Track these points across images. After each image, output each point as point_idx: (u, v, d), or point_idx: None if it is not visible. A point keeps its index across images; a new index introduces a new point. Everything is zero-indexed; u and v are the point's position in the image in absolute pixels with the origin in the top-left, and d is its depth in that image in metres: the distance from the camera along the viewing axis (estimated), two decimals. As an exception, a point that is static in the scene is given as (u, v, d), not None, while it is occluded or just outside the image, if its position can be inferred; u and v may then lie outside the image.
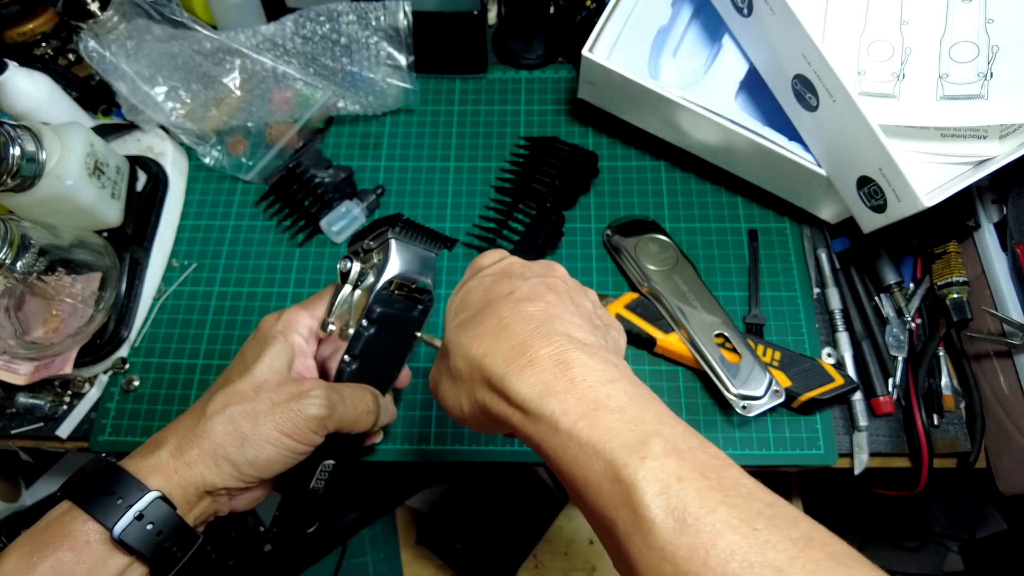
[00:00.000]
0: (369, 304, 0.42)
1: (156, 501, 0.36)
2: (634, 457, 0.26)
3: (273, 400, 0.39)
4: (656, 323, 0.57)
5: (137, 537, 0.35)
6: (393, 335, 0.44)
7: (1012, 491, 0.53)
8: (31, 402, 0.58)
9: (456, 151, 0.70)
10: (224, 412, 0.39)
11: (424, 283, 0.44)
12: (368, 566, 0.78)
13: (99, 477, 0.36)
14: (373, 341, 0.43)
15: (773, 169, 0.60)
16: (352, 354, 0.43)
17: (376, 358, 0.44)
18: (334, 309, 0.43)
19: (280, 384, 0.41)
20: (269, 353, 0.42)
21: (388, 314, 0.43)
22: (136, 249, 0.62)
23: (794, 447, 0.55)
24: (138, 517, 0.35)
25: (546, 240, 0.62)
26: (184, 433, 0.39)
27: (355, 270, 0.43)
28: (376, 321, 0.43)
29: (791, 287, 0.61)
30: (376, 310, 0.42)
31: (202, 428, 0.38)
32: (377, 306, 0.42)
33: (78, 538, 0.35)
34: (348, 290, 0.43)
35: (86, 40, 0.62)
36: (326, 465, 0.45)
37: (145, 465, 0.37)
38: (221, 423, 0.38)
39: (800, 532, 0.25)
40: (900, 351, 0.57)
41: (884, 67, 0.56)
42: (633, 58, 0.60)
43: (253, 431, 0.38)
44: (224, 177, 0.69)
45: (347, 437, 0.44)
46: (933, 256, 0.59)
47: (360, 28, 0.65)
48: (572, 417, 0.28)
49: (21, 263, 0.51)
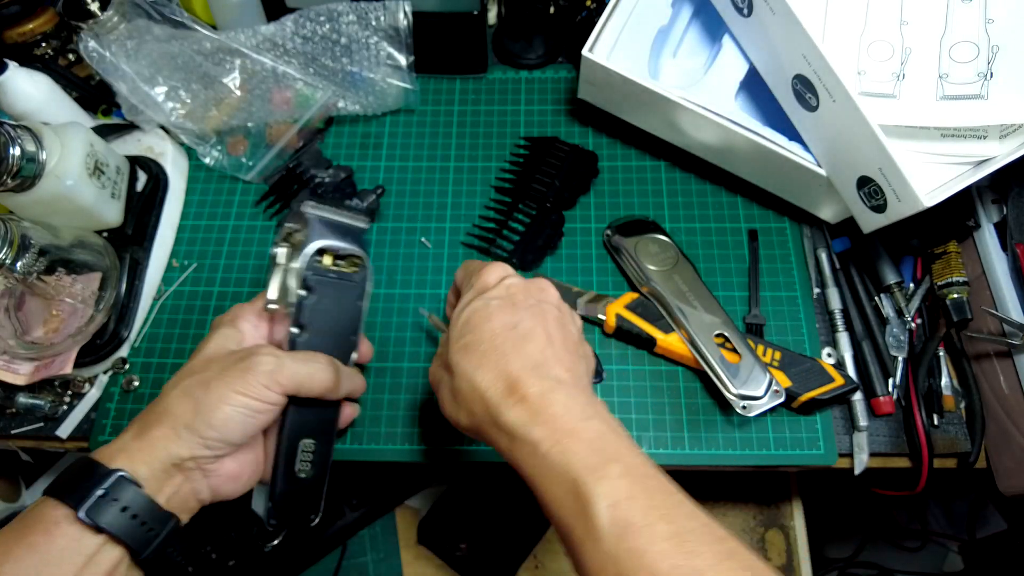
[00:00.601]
0: (301, 273, 0.44)
1: (119, 479, 0.37)
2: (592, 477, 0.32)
3: (222, 366, 0.41)
4: (656, 323, 0.57)
5: (106, 516, 0.36)
6: (337, 303, 0.46)
7: (1012, 491, 0.53)
8: (31, 402, 0.58)
9: (456, 151, 0.70)
10: (178, 387, 0.41)
11: (352, 250, 0.46)
12: (368, 566, 0.78)
13: (72, 470, 0.38)
14: (315, 309, 0.45)
15: (773, 169, 0.60)
16: (298, 324, 0.45)
17: (323, 326, 0.46)
18: (274, 290, 0.46)
19: (228, 354, 0.43)
20: (216, 337, 0.45)
21: (325, 281, 0.45)
22: (136, 249, 0.62)
23: (794, 447, 0.55)
24: (103, 495, 0.36)
25: (546, 240, 0.62)
26: (144, 416, 0.41)
27: (281, 252, 0.46)
28: (313, 289, 0.45)
29: (791, 287, 0.61)
30: (310, 276, 0.45)
31: (159, 407, 0.41)
32: (310, 273, 0.44)
33: (47, 521, 0.36)
34: (281, 272, 0.46)
35: (86, 40, 0.62)
36: (306, 445, 0.46)
37: (109, 450, 0.39)
38: (175, 396, 0.41)
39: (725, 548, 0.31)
40: (900, 351, 0.57)
41: (884, 67, 0.56)
42: (633, 58, 0.60)
43: (205, 395, 0.40)
44: (224, 177, 0.69)
45: (318, 411, 0.46)
46: (933, 256, 0.59)
47: (360, 28, 0.65)
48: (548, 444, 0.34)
49: (21, 263, 0.51)
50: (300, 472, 0.46)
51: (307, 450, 0.46)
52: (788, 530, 0.75)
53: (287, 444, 0.45)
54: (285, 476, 0.45)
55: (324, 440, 0.47)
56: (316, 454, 0.46)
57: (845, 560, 1.05)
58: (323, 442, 0.47)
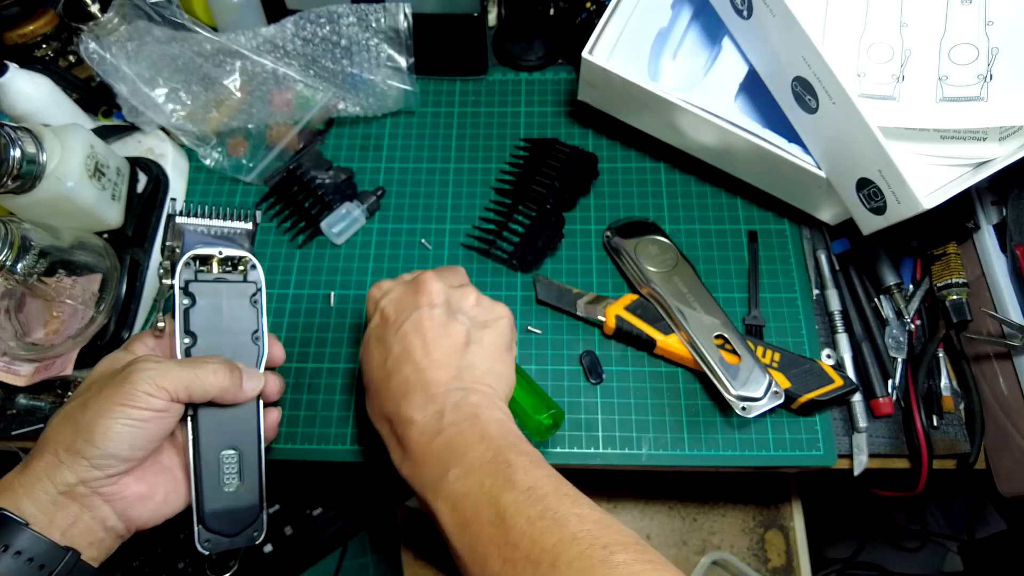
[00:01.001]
0: (178, 281, 0.44)
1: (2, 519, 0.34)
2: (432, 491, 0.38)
3: (101, 385, 0.39)
4: (656, 324, 0.57)
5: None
6: (226, 306, 0.46)
7: (1011, 492, 0.53)
8: (32, 403, 0.58)
9: (456, 153, 0.70)
10: (59, 415, 0.40)
11: (232, 253, 0.46)
12: (369, 566, 0.78)
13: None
14: (200, 313, 0.45)
15: (773, 171, 0.60)
16: (188, 332, 0.44)
17: (216, 332, 0.45)
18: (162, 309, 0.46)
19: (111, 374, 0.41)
20: (102, 363, 0.44)
21: (204, 285, 0.45)
22: (136, 251, 0.62)
23: (794, 448, 0.55)
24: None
25: (546, 241, 0.63)
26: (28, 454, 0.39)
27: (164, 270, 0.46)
28: (193, 295, 0.44)
29: (791, 288, 0.61)
30: (186, 281, 0.44)
31: (41, 440, 0.39)
32: (186, 279, 0.44)
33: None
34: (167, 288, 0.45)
35: (87, 42, 0.62)
36: (227, 456, 0.43)
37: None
38: (54, 424, 0.39)
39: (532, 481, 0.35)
40: (900, 352, 0.57)
41: (884, 69, 0.56)
42: (633, 60, 0.60)
43: (83, 414, 0.38)
44: (224, 178, 0.69)
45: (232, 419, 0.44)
46: (933, 258, 0.59)
47: (360, 30, 0.65)
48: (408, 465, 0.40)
49: (22, 265, 0.51)
50: (227, 486, 0.43)
51: (230, 461, 0.43)
52: (788, 531, 0.75)
53: (204, 457, 0.43)
54: (210, 494, 0.43)
55: (248, 449, 0.44)
56: (242, 464, 0.44)
57: (845, 561, 1.05)
58: (248, 452, 0.44)
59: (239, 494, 0.44)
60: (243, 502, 0.44)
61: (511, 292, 0.62)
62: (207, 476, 0.43)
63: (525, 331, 0.60)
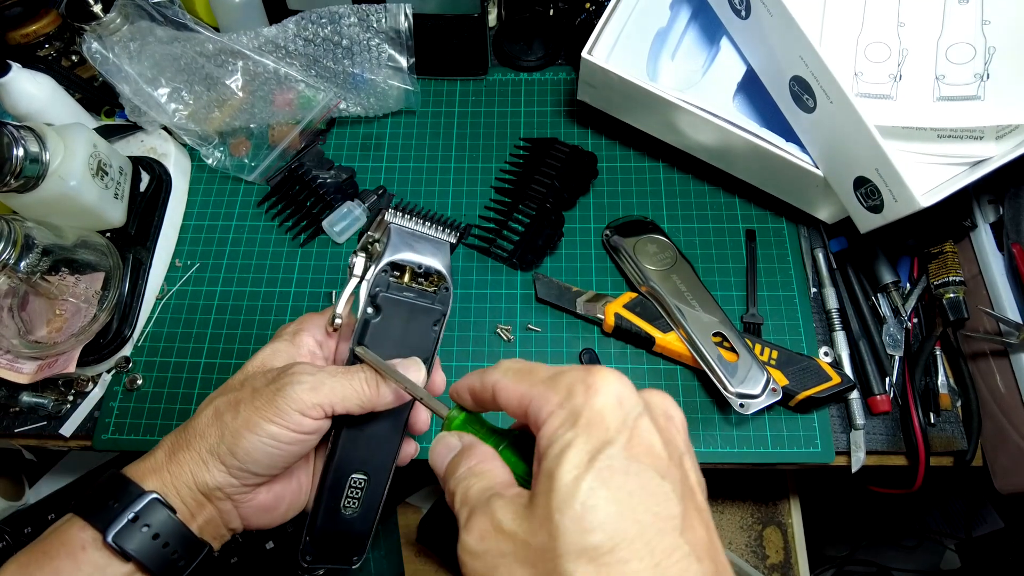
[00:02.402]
0: (369, 288, 0.40)
1: (152, 502, 0.34)
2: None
3: (255, 387, 0.37)
4: (655, 322, 0.58)
5: (134, 542, 0.34)
6: (407, 324, 0.41)
7: (1008, 489, 0.54)
8: (35, 401, 0.59)
9: (457, 152, 0.70)
10: (210, 406, 0.38)
11: (432, 267, 0.41)
12: (369, 563, 0.78)
13: (102, 487, 0.36)
14: (381, 329, 0.40)
15: (771, 170, 0.60)
16: (360, 343, 0.40)
17: (388, 350, 0.40)
18: (342, 303, 0.41)
19: (266, 373, 0.38)
20: (265, 351, 0.40)
21: (394, 300, 0.40)
22: (139, 249, 0.62)
23: (791, 445, 0.55)
24: (133, 519, 0.34)
25: (546, 240, 0.63)
26: (178, 433, 0.38)
27: (359, 263, 0.41)
28: (379, 307, 0.40)
29: (788, 287, 0.62)
30: (378, 293, 0.40)
31: (190, 426, 0.37)
32: (378, 289, 0.40)
33: (74, 544, 0.34)
34: (354, 283, 0.41)
35: (89, 42, 0.62)
36: (355, 480, 0.40)
37: (142, 468, 0.36)
38: (205, 417, 0.37)
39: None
40: (897, 350, 0.57)
41: (881, 68, 0.56)
42: (632, 60, 0.61)
43: (232, 420, 0.36)
44: (226, 178, 0.69)
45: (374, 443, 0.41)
46: (930, 256, 0.59)
47: (361, 30, 0.66)
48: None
49: (25, 263, 0.51)
50: (345, 510, 0.41)
51: (356, 486, 0.41)
52: (786, 528, 0.75)
53: (333, 477, 0.40)
54: (327, 513, 0.40)
55: (378, 477, 0.41)
56: (366, 492, 0.41)
57: (842, 558, 1.06)
58: (376, 479, 0.41)
59: (354, 519, 0.41)
60: (355, 528, 0.41)
61: (511, 291, 0.62)
62: (331, 497, 0.40)
63: (525, 329, 0.61)
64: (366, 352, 0.39)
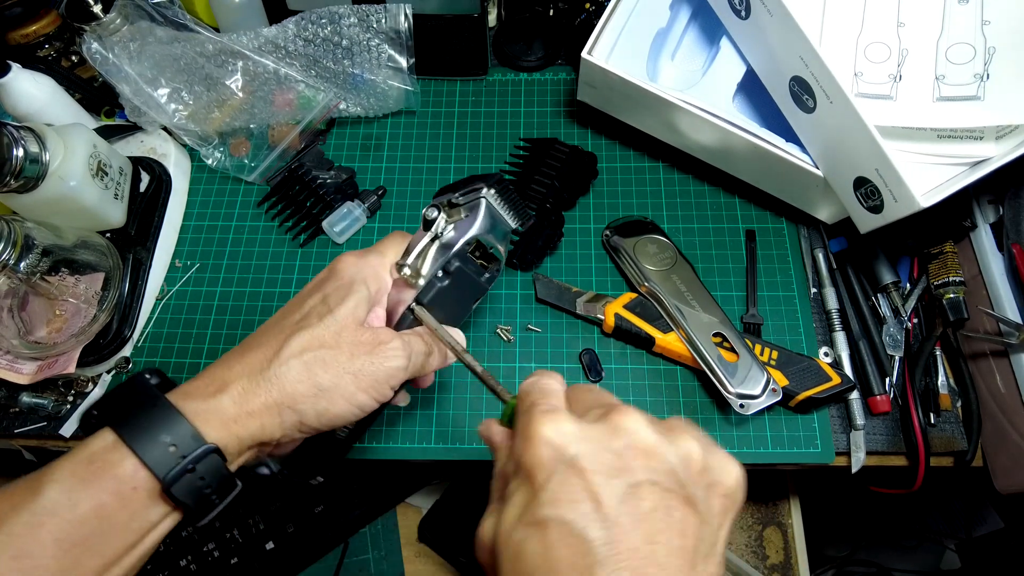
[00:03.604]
0: (449, 256, 0.41)
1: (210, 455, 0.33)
2: None
3: (352, 350, 0.36)
4: (655, 323, 0.58)
5: (184, 488, 0.33)
6: (460, 295, 0.43)
7: (1008, 489, 0.54)
8: (34, 401, 0.59)
9: (456, 152, 0.70)
10: (301, 358, 0.35)
11: (498, 251, 0.43)
12: (370, 564, 0.78)
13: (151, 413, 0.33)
14: (443, 294, 0.42)
15: (770, 170, 0.60)
16: (420, 302, 0.41)
17: (440, 313, 0.42)
18: (415, 254, 0.42)
19: (358, 332, 0.37)
20: (353, 299, 0.38)
21: (463, 271, 0.42)
22: (139, 249, 0.62)
23: (791, 445, 0.55)
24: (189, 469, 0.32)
25: (546, 240, 0.63)
26: (253, 375, 0.35)
27: (441, 221, 0.42)
28: (451, 275, 0.42)
29: (788, 287, 0.62)
30: (455, 264, 0.41)
31: (274, 373, 0.35)
32: (456, 260, 0.41)
33: (125, 483, 0.32)
34: (428, 239, 0.42)
35: (89, 42, 0.62)
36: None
37: (205, 409, 0.34)
38: (296, 369, 0.35)
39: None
40: (897, 350, 0.57)
41: (881, 69, 0.56)
42: (632, 60, 0.61)
43: (331, 383, 0.35)
44: (226, 178, 0.69)
45: None
46: (930, 256, 0.59)
47: (361, 30, 0.66)
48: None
49: (24, 263, 0.51)
50: (339, 435, 0.44)
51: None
52: (786, 528, 0.75)
53: None
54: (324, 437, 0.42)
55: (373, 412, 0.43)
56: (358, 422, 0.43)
57: (842, 558, 1.06)
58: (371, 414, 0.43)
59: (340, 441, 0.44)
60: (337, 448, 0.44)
61: (511, 291, 0.62)
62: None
63: (525, 330, 0.61)
64: (426, 314, 0.41)
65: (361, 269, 0.40)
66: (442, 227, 0.42)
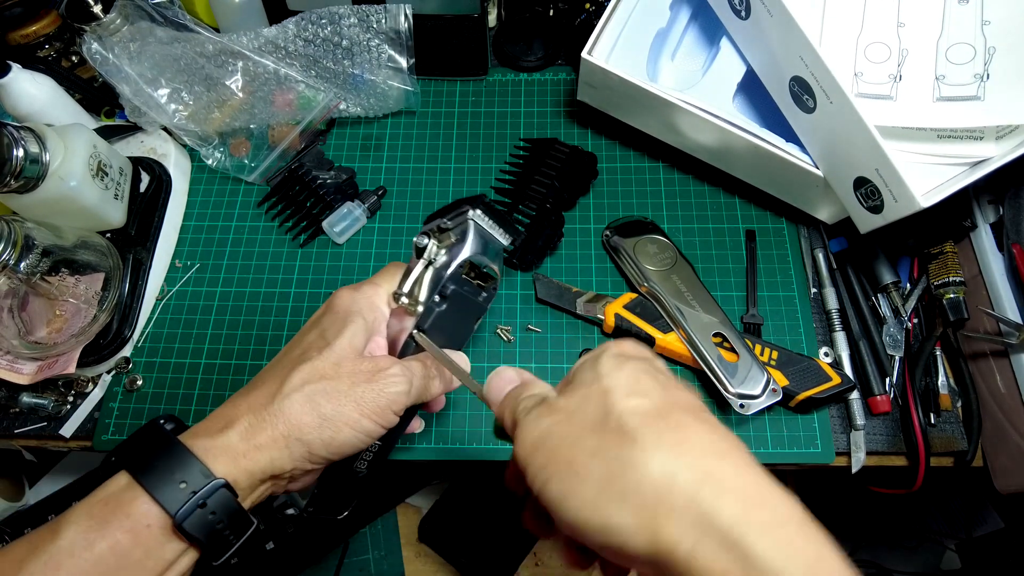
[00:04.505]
0: (444, 281, 0.42)
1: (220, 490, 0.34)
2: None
3: (353, 379, 0.37)
4: (655, 323, 0.58)
5: (196, 524, 0.33)
6: (459, 317, 0.44)
7: (1009, 489, 0.54)
8: (35, 402, 0.59)
9: (457, 152, 0.70)
10: (302, 391, 0.36)
11: (492, 270, 0.44)
12: (370, 564, 0.78)
13: (162, 454, 0.34)
14: (442, 318, 0.42)
15: (770, 170, 0.60)
16: (421, 329, 0.42)
17: (438, 338, 0.43)
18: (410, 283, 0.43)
19: (357, 361, 0.38)
20: (350, 330, 0.39)
21: (459, 294, 0.43)
22: (139, 250, 0.62)
23: (792, 445, 0.55)
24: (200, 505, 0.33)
25: (546, 241, 0.63)
26: (257, 411, 0.36)
27: (432, 247, 0.43)
28: (448, 298, 0.42)
29: (788, 287, 0.62)
30: (450, 288, 0.42)
31: (277, 407, 0.36)
32: (451, 284, 0.42)
33: (138, 520, 0.33)
34: (422, 265, 0.43)
35: (89, 42, 0.62)
36: (373, 445, 0.44)
37: (213, 446, 0.35)
38: (299, 402, 0.36)
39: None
40: (897, 350, 0.57)
41: (881, 69, 0.56)
42: (632, 60, 0.61)
43: (334, 412, 0.36)
44: (226, 178, 0.69)
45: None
46: (930, 256, 0.59)
47: (361, 31, 0.66)
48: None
49: (25, 264, 0.51)
50: (358, 469, 0.44)
51: (371, 450, 0.44)
52: (786, 528, 0.75)
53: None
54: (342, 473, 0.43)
55: (388, 443, 0.45)
56: (376, 454, 0.44)
57: (843, 558, 1.06)
58: (386, 445, 0.45)
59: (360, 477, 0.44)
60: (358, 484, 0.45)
61: (511, 291, 0.62)
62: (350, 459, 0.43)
63: (525, 330, 0.61)
64: (426, 340, 0.41)
65: (356, 300, 0.41)
66: (434, 252, 0.43)
